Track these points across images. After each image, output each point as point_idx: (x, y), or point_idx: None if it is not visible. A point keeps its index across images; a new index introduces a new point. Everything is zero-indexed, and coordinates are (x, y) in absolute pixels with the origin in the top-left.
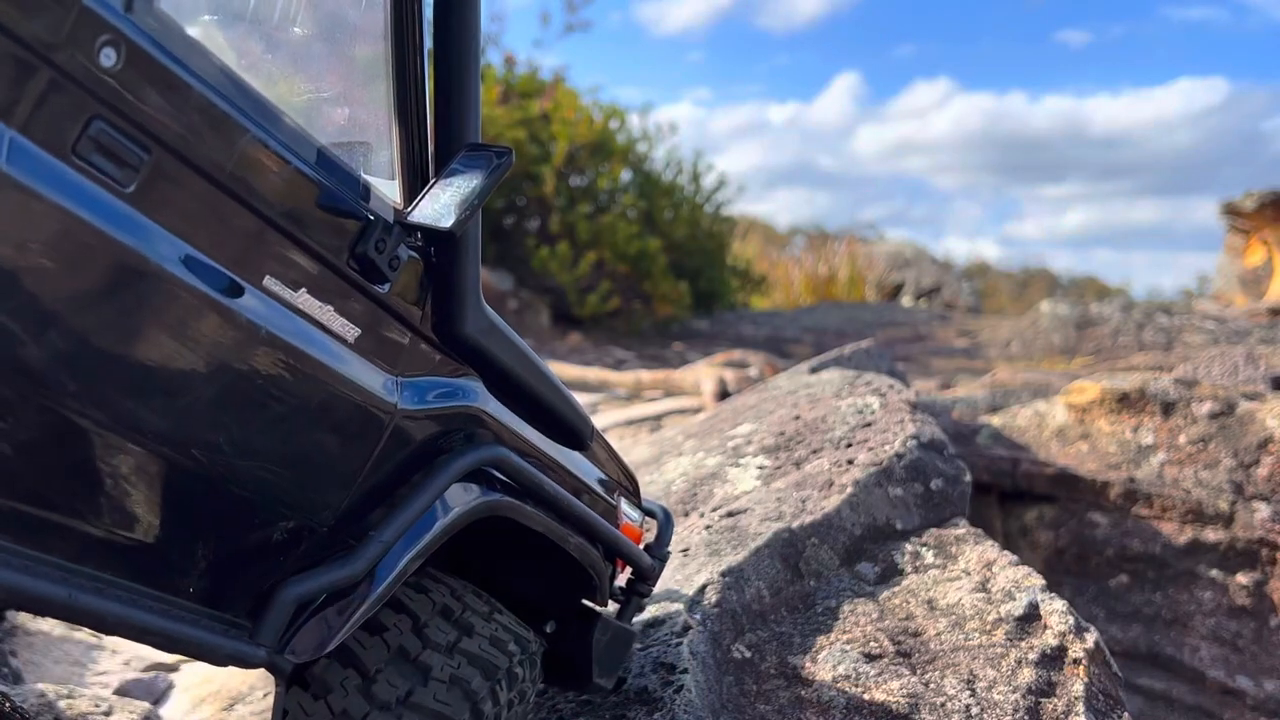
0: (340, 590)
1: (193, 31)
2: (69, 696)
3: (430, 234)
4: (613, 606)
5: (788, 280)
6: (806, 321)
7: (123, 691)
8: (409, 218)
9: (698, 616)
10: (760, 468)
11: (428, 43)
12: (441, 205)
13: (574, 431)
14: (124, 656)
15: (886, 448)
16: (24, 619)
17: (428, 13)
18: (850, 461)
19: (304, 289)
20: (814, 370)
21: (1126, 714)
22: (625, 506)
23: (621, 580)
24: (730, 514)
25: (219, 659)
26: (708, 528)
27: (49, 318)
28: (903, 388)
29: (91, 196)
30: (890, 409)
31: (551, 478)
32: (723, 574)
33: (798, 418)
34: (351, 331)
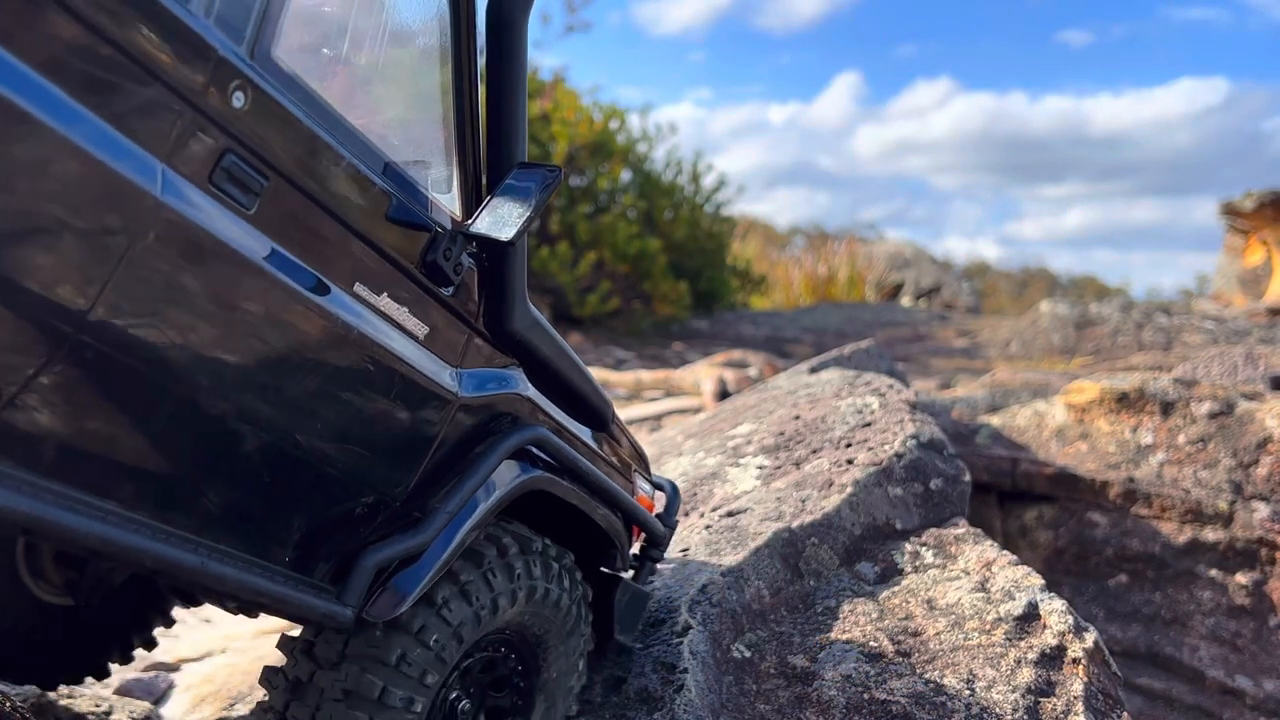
0: (411, 556)
1: (298, 72)
2: (69, 696)
3: (489, 243)
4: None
5: (787, 280)
6: (806, 321)
7: (123, 691)
8: (471, 229)
9: (698, 616)
10: (760, 468)
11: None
12: (500, 218)
13: (598, 414)
14: None
15: (886, 447)
16: None
17: (480, 47)
18: (850, 461)
19: (385, 293)
20: (814, 370)
21: (1126, 713)
22: (639, 480)
23: (634, 547)
24: (730, 514)
25: (314, 618)
26: (708, 528)
27: (187, 323)
28: (902, 388)
29: (224, 219)
30: (890, 409)
31: (581, 455)
32: (723, 574)
33: (797, 418)
34: (422, 329)
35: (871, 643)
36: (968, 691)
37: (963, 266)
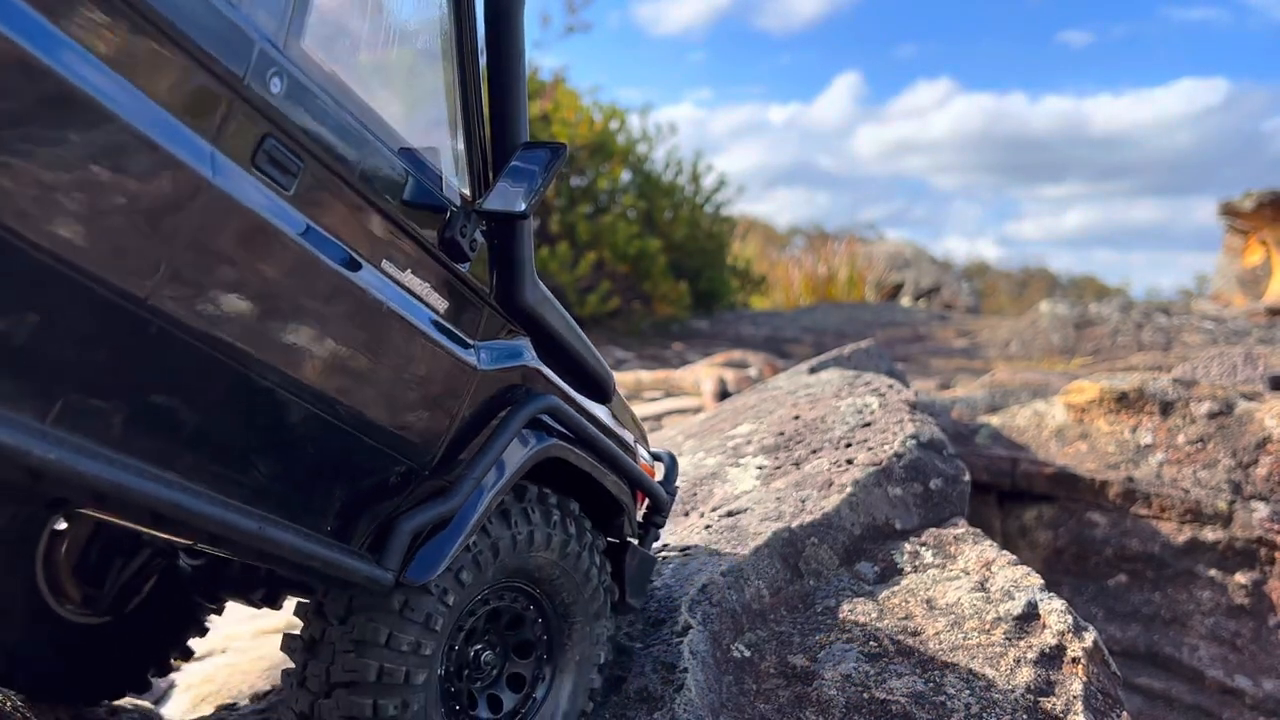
0: (442, 521)
1: (323, 62)
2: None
3: (502, 218)
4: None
5: (787, 280)
6: (806, 321)
7: None
8: (484, 206)
9: (698, 616)
10: (760, 468)
11: (482, 63)
12: (511, 194)
13: (602, 385)
14: None
15: (886, 448)
16: None
17: (481, 38)
18: (850, 461)
19: (409, 270)
20: (813, 370)
21: (1125, 713)
22: (640, 450)
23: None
24: (730, 514)
25: (357, 580)
26: (707, 527)
27: (237, 299)
28: (902, 388)
29: (268, 199)
30: (889, 409)
31: (589, 424)
32: (723, 574)
33: (797, 418)
34: (443, 304)
35: (871, 642)
36: (967, 691)
37: (962, 267)
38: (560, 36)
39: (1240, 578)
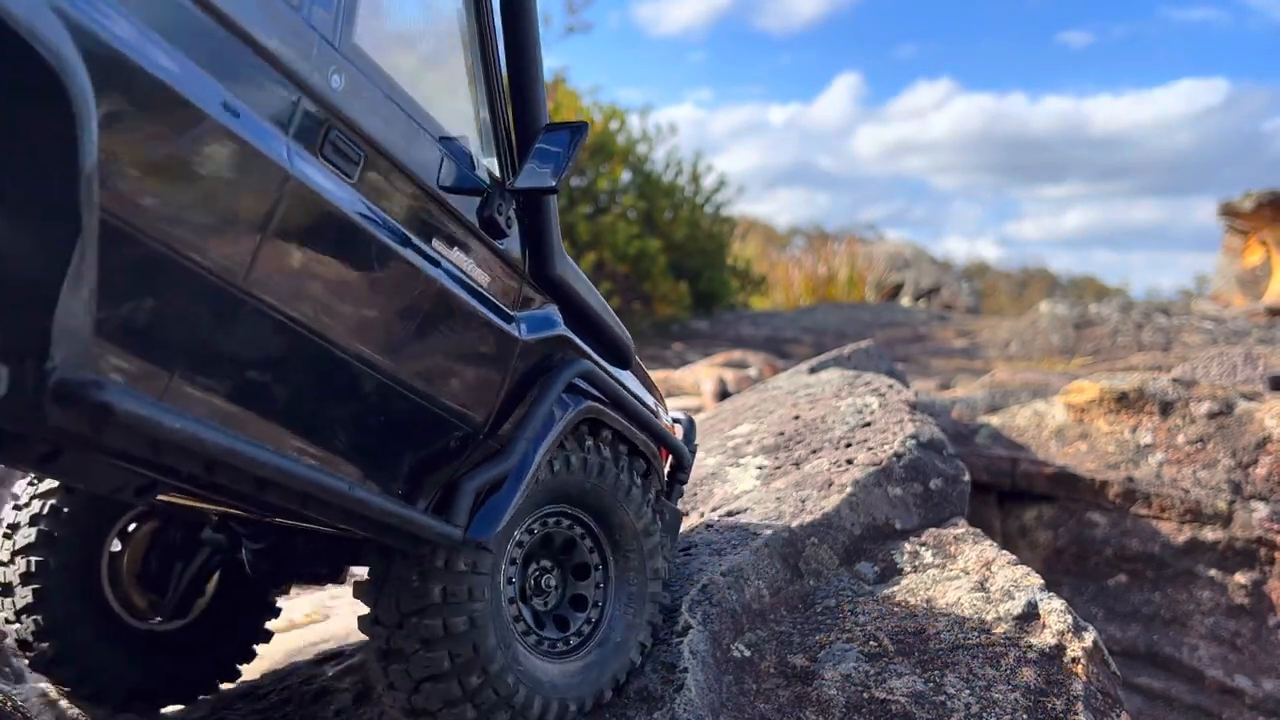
0: (498, 481)
1: (372, 56)
2: (70, 696)
3: (535, 194)
4: None
5: (787, 281)
6: (806, 322)
7: None
8: (517, 185)
9: (698, 616)
10: (760, 468)
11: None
12: (541, 172)
13: (623, 351)
14: None
15: (886, 448)
16: None
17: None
18: (850, 461)
19: (456, 248)
20: (813, 370)
21: (1125, 713)
22: (661, 411)
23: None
24: (730, 513)
25: (430, 537)
26: (708, 527)
27: (317, 281)
28: (902, 388)
29: (337, 186)
30: (889, 409)
31: (619, 386)
32: (723, 574)
33: (797, 418)
34: (485, 279)
35: (871, 642)
36: (967, 691)
37: (962, 267)
38: (560, 37)
39: (1240, 578)
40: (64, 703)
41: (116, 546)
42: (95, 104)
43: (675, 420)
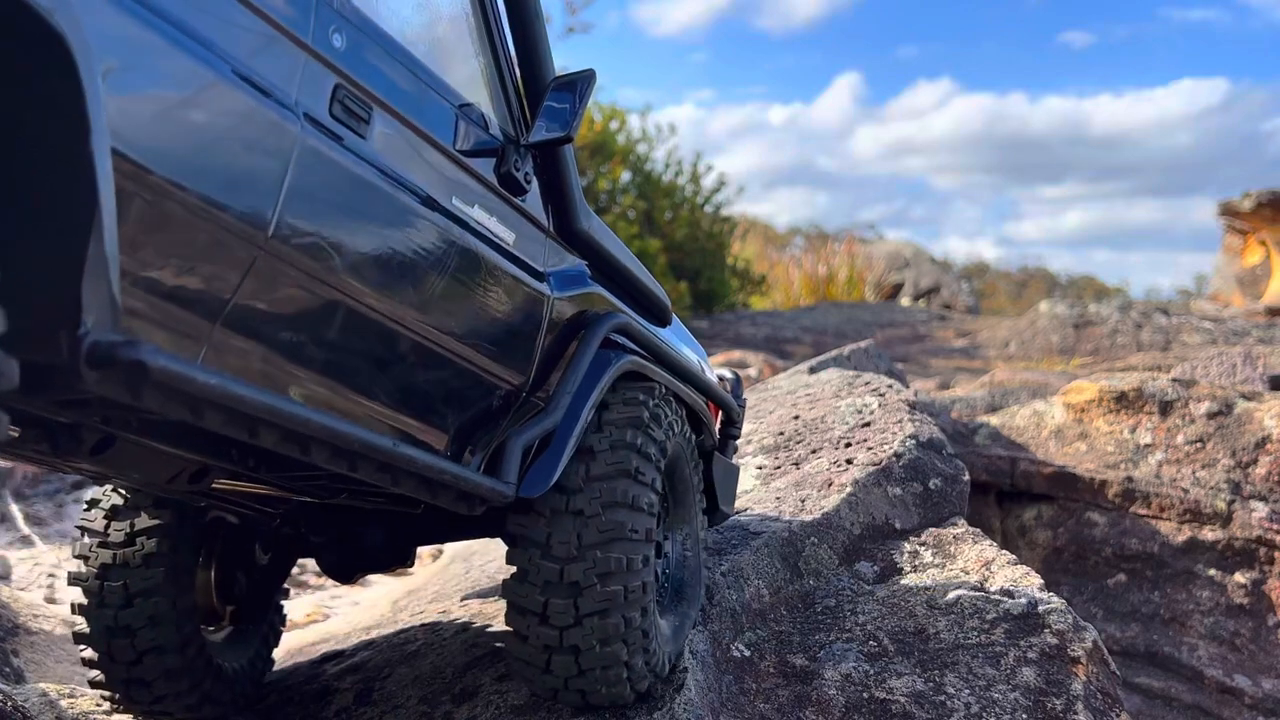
0: (546, 437)
1: (372, 16)
2: (70, 696)
3: (551, 145)
4: None
5: (787, 280)
6: (805, 322)
7: None
8: (531, 139)
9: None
10: (759, 467)
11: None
12: (554, 123)
13: (660, 309)
14: None
15: (885, 447)
16: (25, 619)
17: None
18: (849, 461)
19: (476, 205)
20: (813, 370)
21: (1125, 712)
22: (707, 368)
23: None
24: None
25: (482, 494)
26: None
27: (336, 239)
28: (901, 388)
29: (349, 145)
30: (889, 409)
31: (659, 340)
32: (723, 573)
33: (797, 418)
34: (510, 236)
35: (871, 642)
36: (967, 691)
37: (962, 267)
38: (560, 37)
39: (1239, 577)
40: (64, 702)
41: (200, 562)
42: (101, 68)
43: (721, 377)
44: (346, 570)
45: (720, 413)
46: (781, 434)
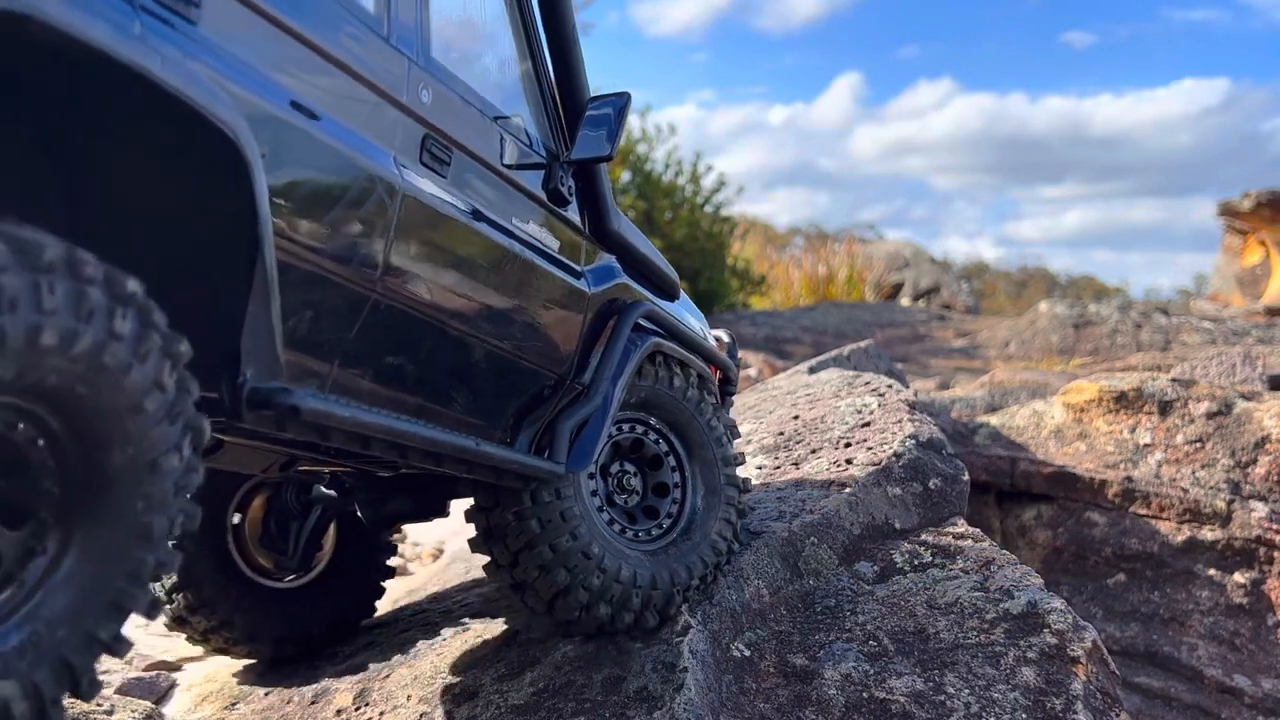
0: (586, 419)
1: (447, 66)
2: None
3: (593, 162)
4: None
5: (787, 280)
6: (805, 322)
7: (125, 691)
8: (574, 156)
9: (697, 616)
10: (759, 467)
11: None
12: (595, 142)
13: (671, 287)
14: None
15: (885, 447)
16: None
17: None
18: (849, 461)
19: (530, 221)
20: (813, 370)
21: (1124, 712)
22: (706, 332)
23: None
24: None
25: (539, 475)
26: None
27: (432, 270)
28: (901, 388)
29: (437, 189)
30: (889, 409)
31: (676, 321)
32: (722, 573)
33: (797, 417)
34: (555, 244)
35: (871, 642)
36: (967, 690)
37: (961, 267)
38: None
39: (1239, 577)
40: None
41: (236, 518)
42: (261, 158)
43: (718, 339)
44: (385, 521)
45: (719, 372)
46: (781, 434)
